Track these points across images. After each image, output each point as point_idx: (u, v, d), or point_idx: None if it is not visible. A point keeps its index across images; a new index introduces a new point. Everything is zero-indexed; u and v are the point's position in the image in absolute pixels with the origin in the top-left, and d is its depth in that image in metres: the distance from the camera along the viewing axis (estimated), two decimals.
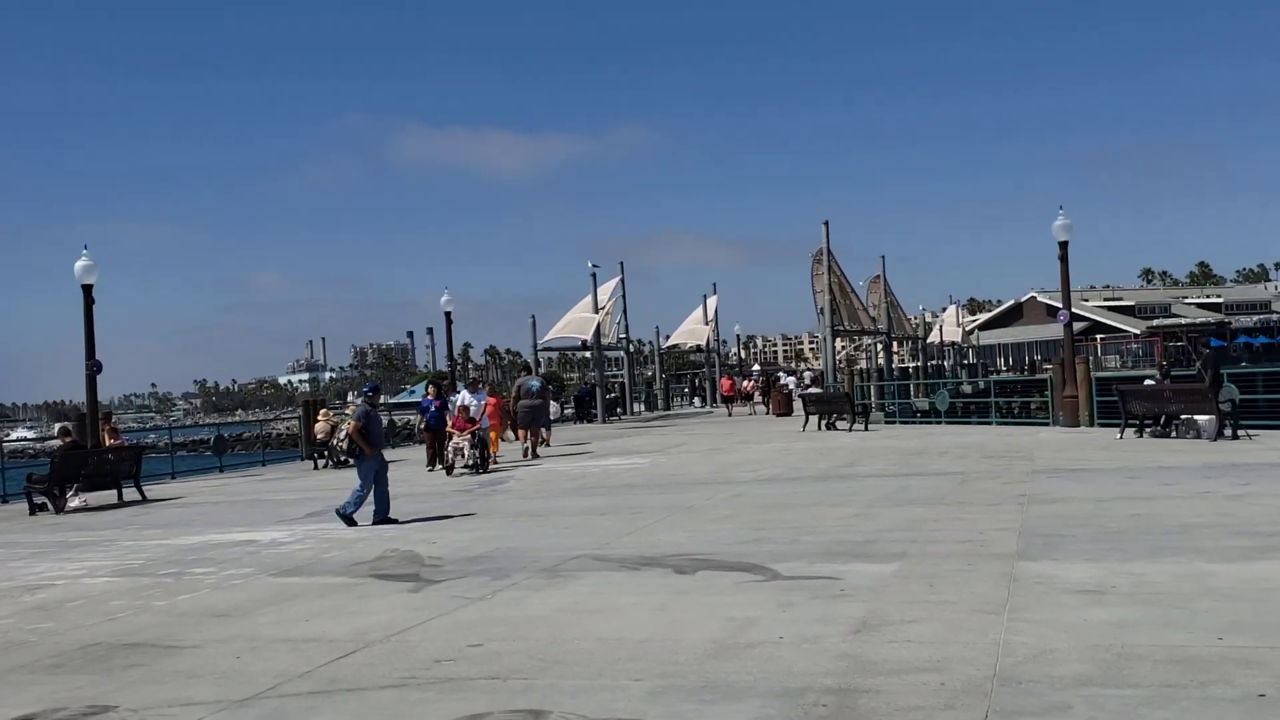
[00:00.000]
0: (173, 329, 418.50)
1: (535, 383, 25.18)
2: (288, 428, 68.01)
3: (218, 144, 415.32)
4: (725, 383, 45.44)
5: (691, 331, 55.06)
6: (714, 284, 56.21)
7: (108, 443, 21.82)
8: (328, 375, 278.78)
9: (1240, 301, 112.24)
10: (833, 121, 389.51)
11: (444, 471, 20.47)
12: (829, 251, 38.32)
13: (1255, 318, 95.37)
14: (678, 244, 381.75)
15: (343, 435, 22.23)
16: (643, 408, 50.42)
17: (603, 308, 42.37)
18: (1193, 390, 20.29)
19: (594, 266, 42.69)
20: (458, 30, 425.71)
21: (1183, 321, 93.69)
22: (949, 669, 5.89)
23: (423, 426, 23.91)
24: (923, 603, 7.49)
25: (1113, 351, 77.16)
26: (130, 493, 19.80)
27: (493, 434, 22.88)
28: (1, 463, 22.75)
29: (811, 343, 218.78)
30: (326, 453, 25.76)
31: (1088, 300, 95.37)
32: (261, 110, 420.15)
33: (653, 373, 57.79)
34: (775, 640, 6.69)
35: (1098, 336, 78.30)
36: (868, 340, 54.00)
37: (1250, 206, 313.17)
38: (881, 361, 51.05)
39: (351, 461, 25.37)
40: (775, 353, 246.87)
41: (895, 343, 53.94)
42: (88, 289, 22.83)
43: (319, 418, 26.82)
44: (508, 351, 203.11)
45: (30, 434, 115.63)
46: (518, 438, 25.13)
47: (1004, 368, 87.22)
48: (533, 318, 41.90)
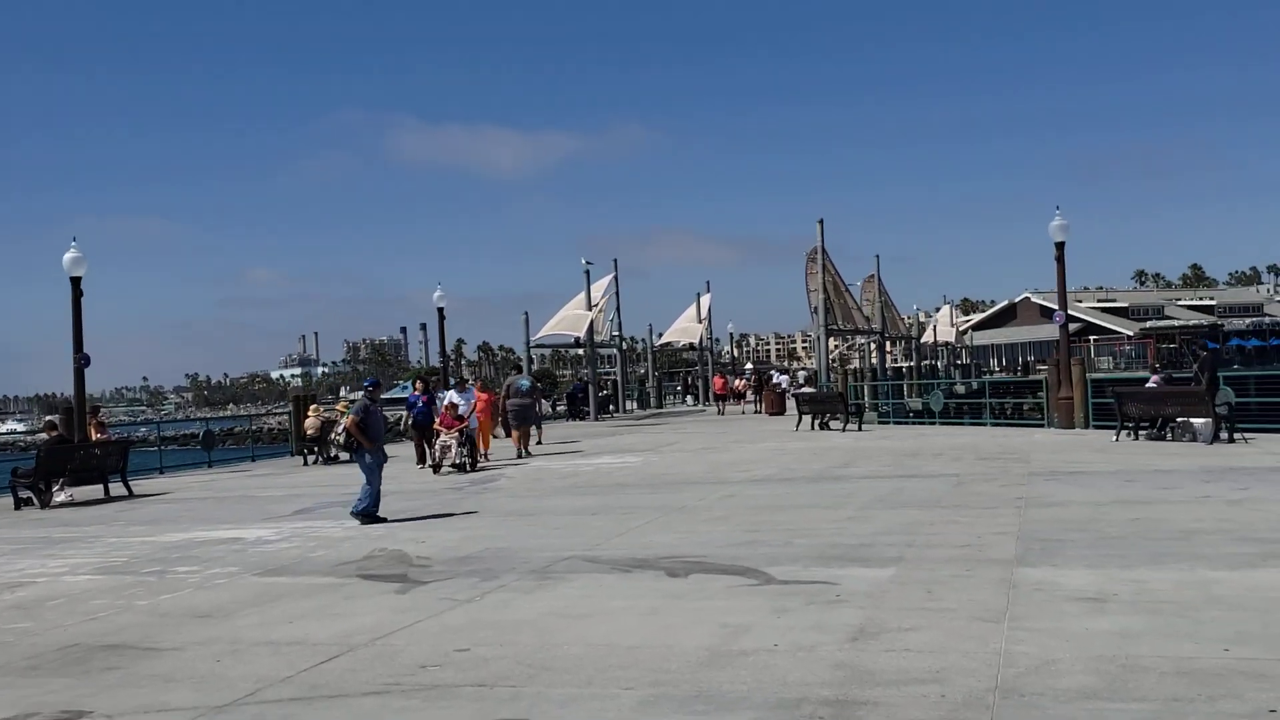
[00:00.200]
0: (165, 323, 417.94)
1: (525, 382, 24.97)
2: (279, 423, 67.77)
3: (213, 139, 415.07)
4: (718, 381, 45.17)
5: (685, 329, 54.87)
6: (708, 282, 56.01)
7: (94, 437, 21.58)
8: (320, 370, 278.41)
9: (1233, 304, 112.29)
10: (829, 121, 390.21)
11: (431, 470, 20.26)
12: (824, 250, 38.16)
13: (1248, 320, 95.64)
14: (672, 242, 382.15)
15: (340, 430, 22.03)
16: (635, 406, 50.24)
17: (596, 305, 42.16)
18: (1189, 393, 20.18)
19: (588, 263, 42.50)
20: (455, 27, 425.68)
21: (1176, 324, 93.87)
22: (949, 680, 5.73)
23: (410, 423, 23.69)
24: (921, 610, 7.33)
25: (1105, 353, 77.27)
26: (117, 488, 19.59)
27: (483, 432, 22.68)
28: None
29: (804, 342, 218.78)
30: (317, 449, 25.54)
31: (1081, 301, 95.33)
32: (258, 105, 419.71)
33: (646, 371, 57.59)
34: (770, 648, 6.52)
35: (1091, 338, 78.33)
36: (861, 340, 53.89)
37: (1243, 209, 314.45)
38: (875, 361, 50.90)
39: (343, 458, 25.47)
40: (768, 351, 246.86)
41: (889, 342, 53.79)
42: (76, 281, 22.60)
43: (309, 413, 26.57)
44: (501, 348, 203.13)
45: (20, 427, 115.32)
46: (509, 436, 24.93)
47: (997, 368, 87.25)
48: (525, 314, 41.67)
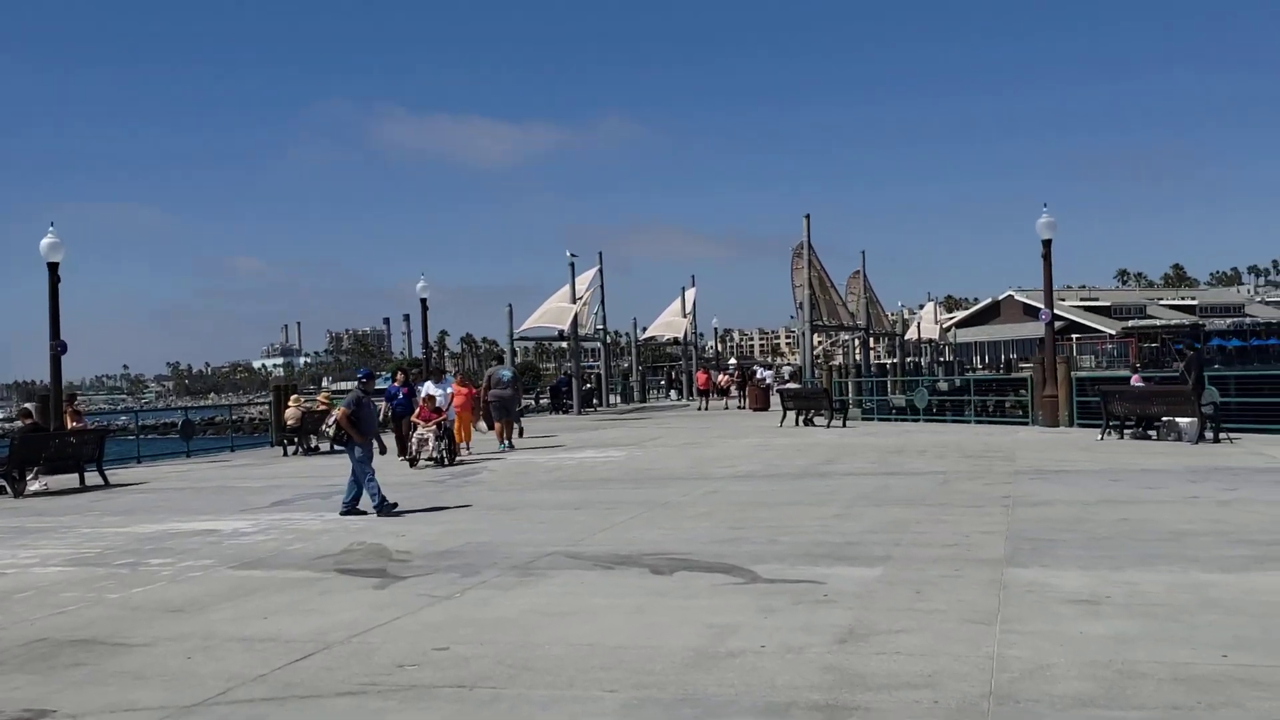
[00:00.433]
0: (147, 311, 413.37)
1: (507, 372, 24.67)
2: (260, 413, 67.23)
3: (199, 127, 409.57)
4: (700, 376, 44.89)
5: (669, 324, 54.69)
6: (693, 276, 55.90)
7: (70, 425, 21.27)
8: (303, 360, 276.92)
9: (1214, 304, 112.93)
10: (816, 119, 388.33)
11: (408, 464, 20.00)
12: (810, 246, 38.01)
13: (1229, 321, 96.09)
14: (658, 236, 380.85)
15: (331, 421, 21.73)
16: (619, 399, 50.04)
17: (580, 298, 41.93)
18: (1175, 392, 20.13)
19: (572, 256, 42.27)
20: (442, 17, 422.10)
21: (1158, 323, 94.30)
22: (942, 684, 5.58)
23: (389, 415, 23.40)
24: (911, 611, 7.18)
25: (1088, 352, 77.58)
26: (92, 477, 19.28)
27: (463, 425, 22.42)
28: None
29: (789, 337, 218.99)
30: (297, 439, 25.30)
31: (1064, 300, 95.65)
32: (244, 95, 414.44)
33: (629, 364, 57.40)
34: (757, 649, 6.36)
35: (1074, 336, 78.58)
36: (845, 336, 53.84)
37: (1224, 211, 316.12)
38: (859, 358, 50.83)
39: (323, 449, 25.25)
40: (752, 347, 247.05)
41: (873, 339, 53.74)
42: (53, 267, 22.24)
43: (290, 403, 26.31)
44: (484, 340, 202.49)
45: None
46: (491, 428, 24.66)
47: (980, 366, 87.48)
48: (509, 306, 41.43)
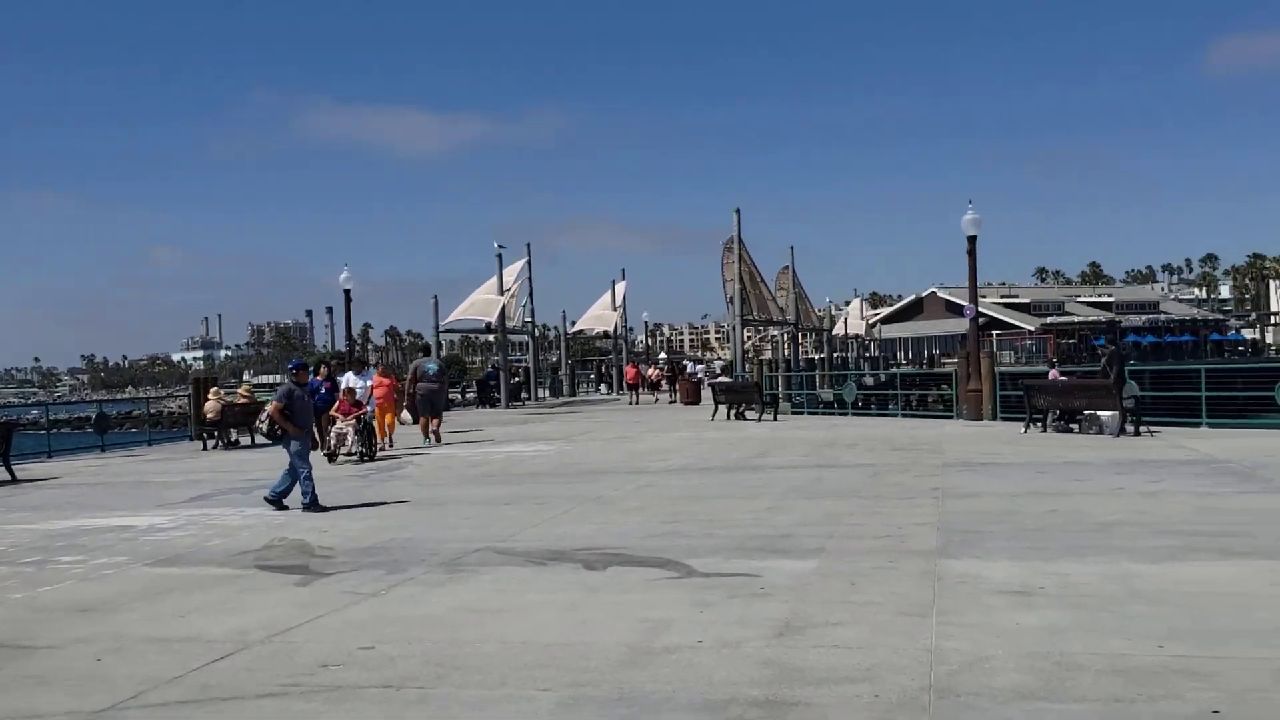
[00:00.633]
0: (61, 302, 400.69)
1: (433, 366, 24.24)
2: (179, 406, 65.76)
3: (117, 113, 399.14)
4: (630, 370, 44.75)
5: (599, 317, 54.48)
6: (623, 270, 55.58)
7: None
8: (223, 353, 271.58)
9: (1130, 301, 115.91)
10: (746, 114, 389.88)
11: (326, 459, 19.50)
12: (740, 240, 38.07)
13: (1144, 317, 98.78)
14: (587, 229, 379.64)
15: (264, 416, 21.13)
16: (548, 393, 49.73)
17: (508, 290, 41.52)
18: (1097, 386, 20.46)
19: (500, 247, 41.76)
20: (368, 8, 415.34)
21: (1075, 320, 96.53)
22: (881, 678, 5.50)
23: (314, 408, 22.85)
24: (846, 603, 7.11)
25: (1008, 347, 79.11)
26: None
27: (387, 417, 21.98)
28: None
29: (718, 332, 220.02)
30: (217, 433, 24.67)
31: (985, 297, 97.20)
32: (167, 85, 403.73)
33: (558, 358, 57.12)
34: (694, 645, 6.23)
35: (994, 332, 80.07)
36: (774, 331, 54.16)
37: (1139, 210, 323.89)
38: (788, 353, 51.15)
39: (243, 442, 24.67)
40: (682, 341, 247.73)
41: (801, 334, 54.11)
42: None
43: (210, 396, 25.64)
44: (409, 333, 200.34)
45: None
46: (415, 422, 24.22)
47: (904, 361, 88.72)
48: (435, 298, 40.80)
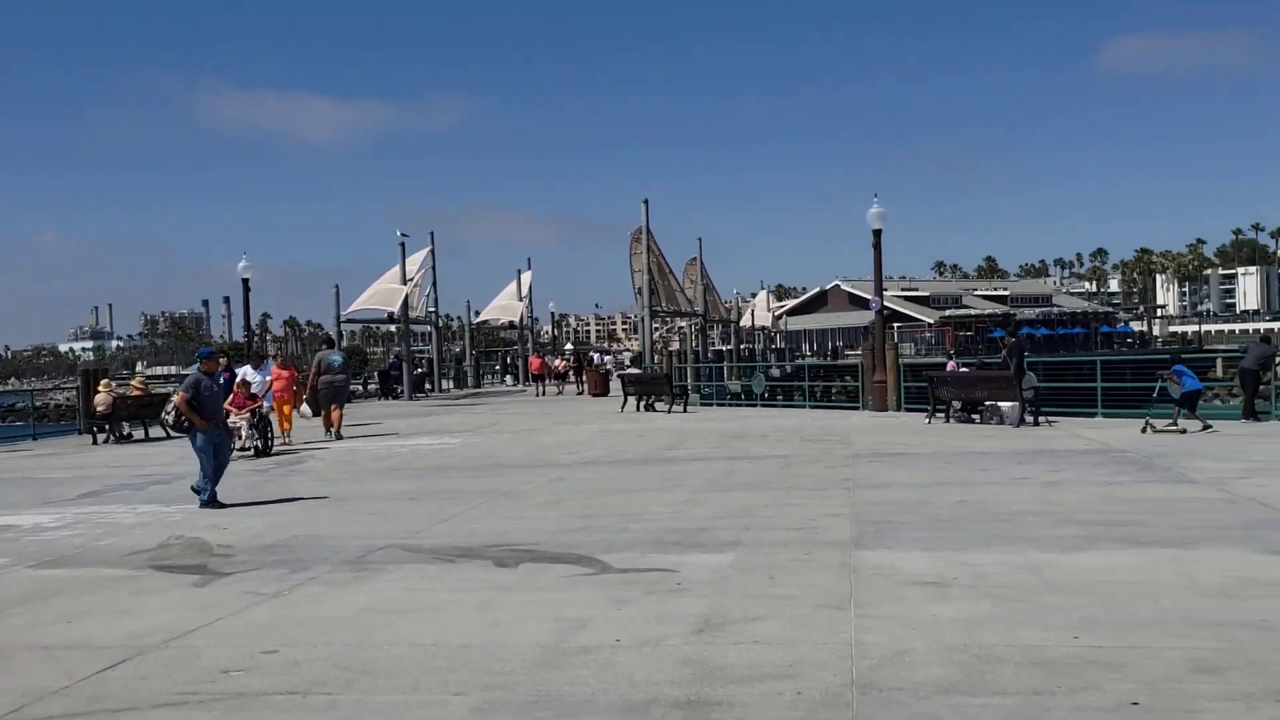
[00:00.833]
0: None
1: (337, 357, 23.63)
2: (66, 399, 63.27)
3: None
4: (534, 361, 44.28)
5: (504, 307, 53.99)
6: (529, 259, 55.33)
7: None
8: (115, 344, 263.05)
9: (1024, 294, 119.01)
10: (654, 105, 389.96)
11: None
12: (648, 231, 38.02)
13: (1038, 310, 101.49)
14: (493, 218, 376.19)
15: (170, 407, 20.31)
16: (452, 385, 49.12)
17: (412, 279, 40.87)
18: (998, 377, 20.88)
19: (403, 236, 41.11)
20: None
21: (972, 312, 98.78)
22: (803, 674, 5.42)
23: None
24: (765, 597, 7.04)
25: (908, 339, 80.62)
26: None
27: (285, 410, 21.37)
28: None
29: (625, 323, 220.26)
30: (108, 427, 23.74)
31: (887, 290, 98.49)
32: (50, 59, 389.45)
33: (463, 349, 56.45)
34: (612, 644, 6.08)
35: (895, 325, 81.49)
36: (681, 323, 54.28)
37: (1032, 205, 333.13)
38: (697, 344, 51.33)
39: (136, 436, 23.78)
40: (589, 332, 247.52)
41: (708, 325, 54.35)
42: None
43: (100, 388, 24.66)
44: (309, 323, 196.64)
45: None
46: (315, 414, 23.57)
47: (809, 353, 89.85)
48: (336, 288, 40.05)
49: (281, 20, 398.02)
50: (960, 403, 21.42)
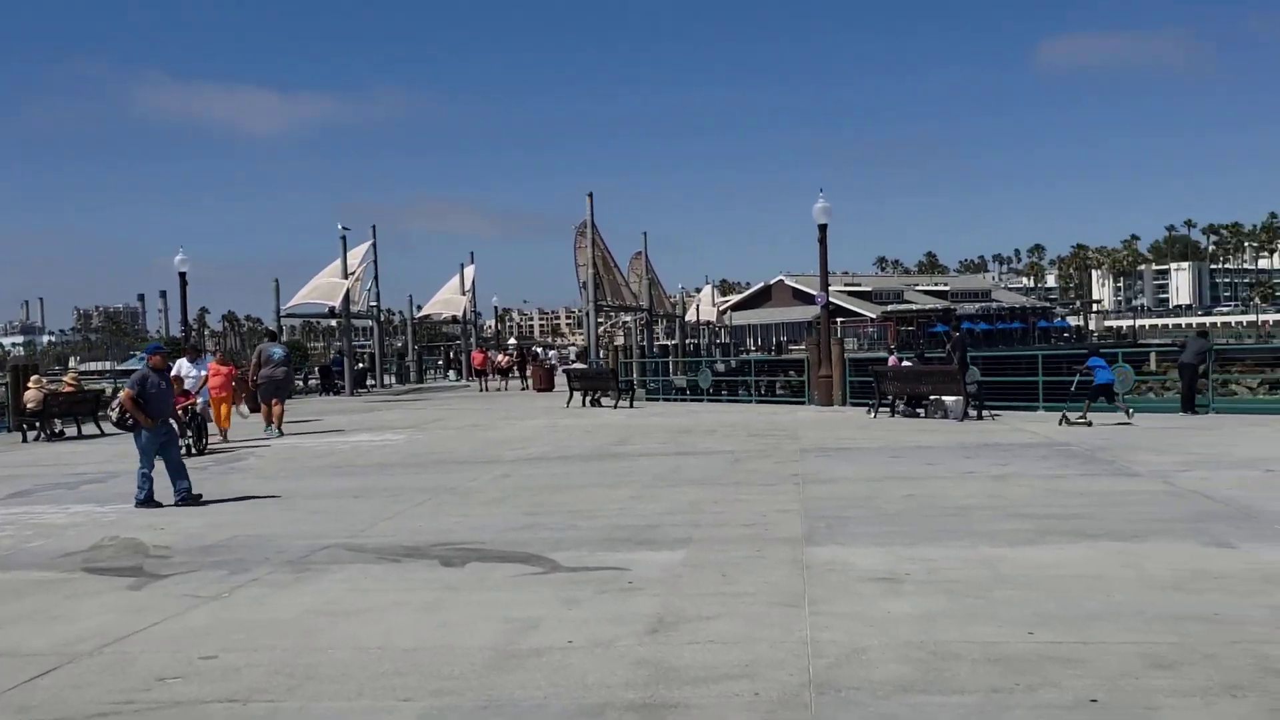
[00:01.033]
0: None
1: (278, 350, 23.12)
2: None
3: None
4: (477, 356, 43.82)
5: (447, 301, 53.55)
6: (471, 253, 54.89)
7: None
8: (46, 339, 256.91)
9: (963, 290, 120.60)
10: (598, 100, 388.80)
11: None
12: (593, 225, 37.84)
13: (977, 305, 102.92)
14: (436, 213, 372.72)
15: (115, 404, 19.72)
16: (394, 380, 48.58)
17: (353, 273, 40.36)
18: (943, 372, 21.02)
19: (344, 229, 40.56)
20: None
21: (914, 308, 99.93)
22: (760, 674, 5.33)
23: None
24: (719, 595, 6.94)
25: (851, 334, 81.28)
26: None
27: (224, 408, 20.91)
28: None
29: (569, 318, 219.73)
30: (39, 424, 23.09)
31: (830, 285, 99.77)
32: None
33: (405, 343, 55.85)
34: (564, 645, 5.95)
35: (838, 320, 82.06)
36: (626, 318, 54.18)
37: (972, 201, 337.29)
38: (642, 339, 51.25)
39: (69, 433, 23.15)
40: (532, 327, 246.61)
41: (653, 320, 54.29)
42: None
43: (30, 384, 23.97)
44: (248, 318, 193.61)
45: None
46: (254, 411, 23.08)
47: (754, 348, 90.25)
48: (276, 281, 39.23)
49: (222, 10, 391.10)
50: (905, 397, 21.57)
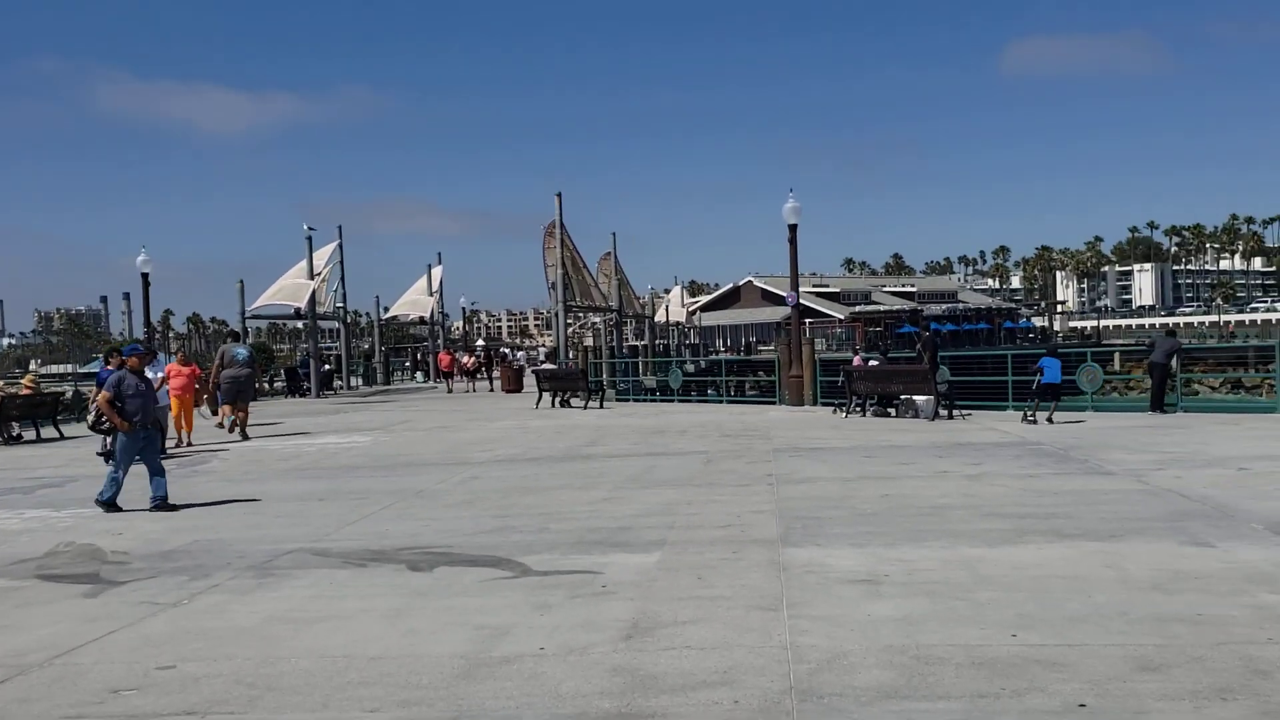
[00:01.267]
0: None
1: (243, 351, 22.72)
2: None
3: None
4: (444, 357, 43.43)
5: (415, 302, 53.09)
6: (439, 254, 54.39)
7: None
8: (5, 341, 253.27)
9: (930, 291, 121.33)
10: (566, 100, 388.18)
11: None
12: (562, 225, 37.59)
13: (944, 306, 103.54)
14: (403, 213, 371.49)
15: (92, 406, 19.16)
16: (361, 382, 48.10)
17: (319, 274, 39.91)
18: (913, 371, 20.99)
19: (310, 230, 40.12)
20: None
21: (882, 309, 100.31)
22: (740, 681, 5.16)
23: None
24: (695, 599, 6.77)
25: (820, 335, 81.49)
26: None
27: (184, 410, 20.47)
28: None
29: (537, 319, 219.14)
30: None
31: (800, 286, 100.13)
32: None
33: (371, 345, 55.32)
34: (536, 652, 5.75)
35: (807, 320, 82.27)
36: (595, 318, 53.96)
37: (938, 203, 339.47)
38: (612, 339, 51.05)
39: (27, 437, 22.64)
40: (500, 328, 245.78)
41: (623, 320, 54.10)
42: None
43: None
44: (213, 319, 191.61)
45: None
46: (218, 413, 22.64)
47: (723, 348, 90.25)
48: (240, 283, 38.81)
49: (184, 8, 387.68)
50: (876, 396, 21.51)
